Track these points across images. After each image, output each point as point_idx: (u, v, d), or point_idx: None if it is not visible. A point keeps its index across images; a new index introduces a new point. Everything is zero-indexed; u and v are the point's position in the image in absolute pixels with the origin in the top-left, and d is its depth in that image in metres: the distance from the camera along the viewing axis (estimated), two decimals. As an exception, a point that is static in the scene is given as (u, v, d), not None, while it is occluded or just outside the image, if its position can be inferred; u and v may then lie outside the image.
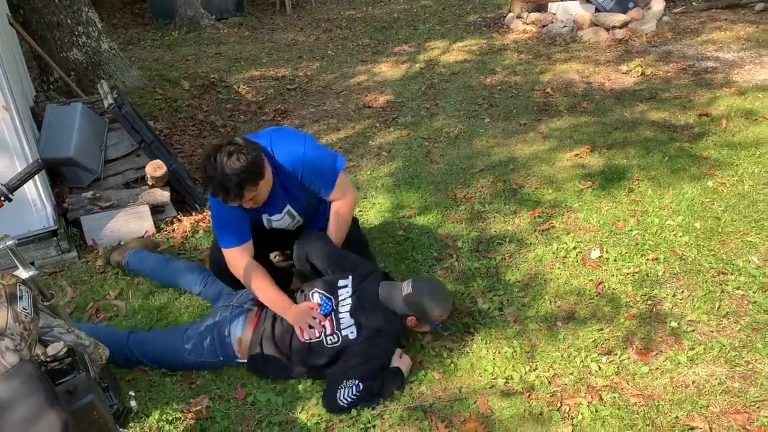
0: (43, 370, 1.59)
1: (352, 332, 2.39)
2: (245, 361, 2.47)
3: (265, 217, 2.64)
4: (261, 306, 2.54)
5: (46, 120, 3.71)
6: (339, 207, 2.72)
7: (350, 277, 2.54)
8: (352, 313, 2.42)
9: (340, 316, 2.43)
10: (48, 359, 1.71)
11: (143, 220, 3.55)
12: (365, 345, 2.36)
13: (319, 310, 2.45)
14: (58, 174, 3.67)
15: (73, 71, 5.40)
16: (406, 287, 2.43)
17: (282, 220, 2.66)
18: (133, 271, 3.17)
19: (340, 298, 2.48)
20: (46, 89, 5.35)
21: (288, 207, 2.64)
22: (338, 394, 2.27)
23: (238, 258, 2.53)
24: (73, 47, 5.39)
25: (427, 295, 2.41)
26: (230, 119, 5.46)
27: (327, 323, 2.42)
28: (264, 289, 2.51)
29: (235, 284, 2.66)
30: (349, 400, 2.26)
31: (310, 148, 2.55)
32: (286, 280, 2.89)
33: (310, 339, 2.40)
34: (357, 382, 2.28)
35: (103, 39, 5.60)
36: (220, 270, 2.67)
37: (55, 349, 1.72)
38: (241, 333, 2.46)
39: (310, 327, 2.41)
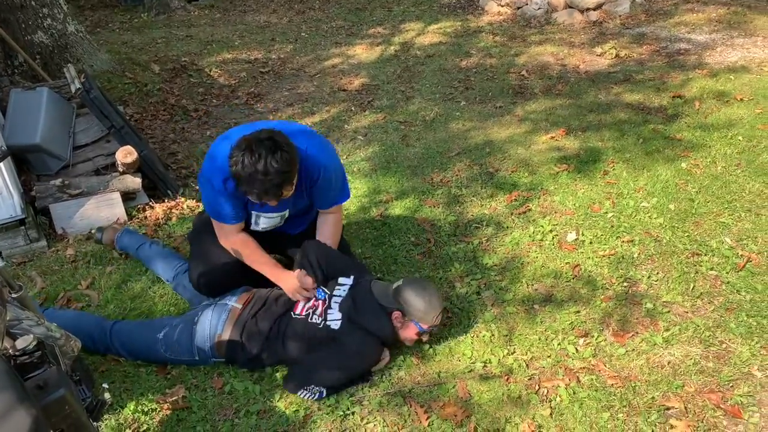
0: (11, 365, 1.54)
1: (335, 324, 2.36)
2: (222, 360, 2.44)
3: (255, 213, 2.55)
4: (243, 304, 2.50)
5: (11, 105, 3.60)
6: (337, 218, 2.70)
7: (352, 276, 2.52)
8: (341, 305, 2.40)
9: (330, 307, 2.41)
10: (17, 353, 1.66)
11: (114, 207, 3.47)
12: (346, 339, 2.33)
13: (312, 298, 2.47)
14: (25, 161, 3.57)
15: (38, 55, 5.24)
16: (397, 282, 2.41)
17: (272, 219, 2.60)
18: (120, 249, 3.14)
19: (335, 292, 2.46)
20: (11, 73, 5.18)
21: (288, 209, 2.59)
22: (300, 392, 2.28)
23: (233, 232, 2.51)
24: (38, 30, 5.22)
25: (413, 289, 2.34)
26: (202, 103, 5.37)
27: (319, 304, 2.42)
28: (258, 258, 2.50)
29: (215, 295, 2.61)
30: (309, 398, 2.27)
31: (333, 157, 2.55)
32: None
33: (302, 309, 2.41)
34: (322, 390, 2.27)
35: (69, 21, 5.44)
36: (201, 284, 2.63)
37: (25, 342, 1.67)
38: (221, 330, 2.42)
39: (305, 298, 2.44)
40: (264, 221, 2.59)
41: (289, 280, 2.49)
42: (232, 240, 2.54)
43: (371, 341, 2.34)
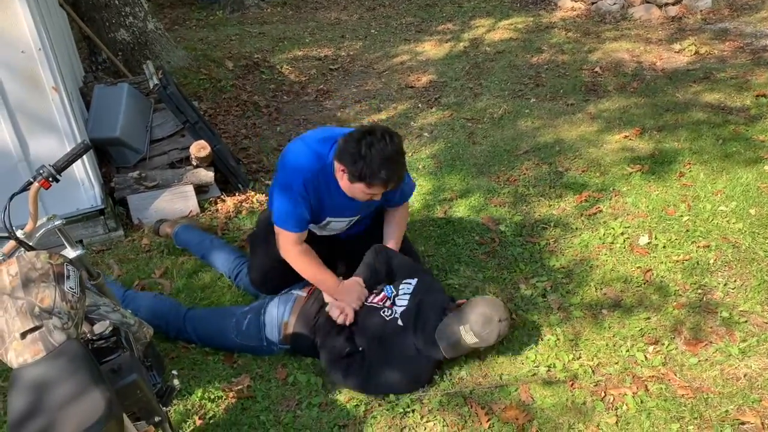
0: (88, 349, 1.62)
1: (400, 323, 2.36)
2: (288, 347, 2.49)
3: (328, 218, 2.56)
4: (308, 293, 2.54)
5: (94, 100, 3.77)
6: (402, 215, 2.71)
7: (416, 279, 2.51)
8: (403, 314, 2.38)
9: (395, 304, 2.42)
10: (94, 338, 1.74)
11: (188, 199, 3.59)
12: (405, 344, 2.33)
13: (383, 292, 2.48)
14: (106, 153, 3.74)
15: (120, 52, 5.48)
16: (466, 335, 2.25)
17: (341, 223, 2.62)
18: (179, 245, 3.22)
19: (400, 292, 2.46)
20: (95, 69, 5.44)
21: (360, 213, 2.61)
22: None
23: (295, 242, 2.49)
24: (120, 28, 5.46)
25: (489, 332, 2.25)
26: (273, 99, 5.47)
27: (387, 301, 2.45)
28: (315, 269, 2.50)
29: (273, 293, 2.65)
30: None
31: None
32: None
33: (377, 299, 2.44)
34: None
35: (149, 19, 5.66)
36: (259, 283, 2.71)
37: (101, 327, 1.75)
38: (287, 317, 2.47)
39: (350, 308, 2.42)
40: (333, 225, 2.61)
41: (351, 292, 2.46)
42: (296, 250, 2.49)
43: (426, 360, 2.33)
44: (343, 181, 2.33)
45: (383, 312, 2.41)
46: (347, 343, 2.36)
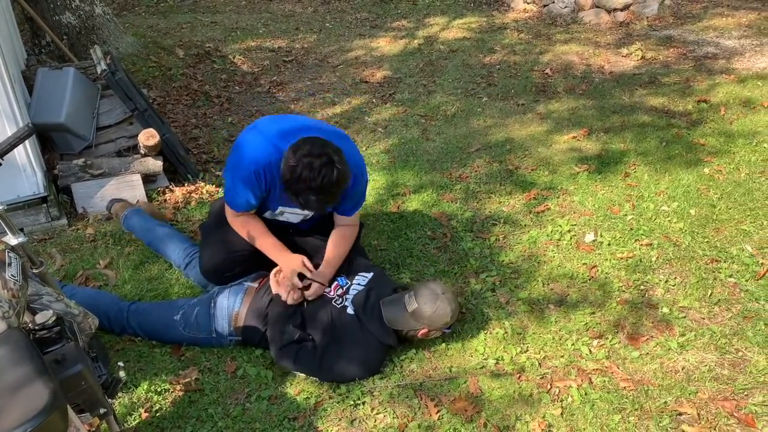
0: (31, 339, 1.57)
1: (350, 310, 2.39)
2: (239, 338, 2.46)
3: (280, 208, 2.55)
4: (259, 283, 2.52)
5: (38, 84, 3.64)
6: (349, 232, 2.64)
7: (372, 273, 2.53)
8: (354, 298, 2.41)
9: (347, 293, 2.44)
10: (36, 327, 1.69)
11: (135, 189, 3.51)
12: (356, 332, 2.35)
13: (336, 281, 2.50)
14: (49, 140, 3.61)
15: (65, 35, 5.29)
16: (410, 302, 2.34)
17: (296, 216, 2.61)
18: (126, 228, 3.15)
19: (354, 282, 2.48)
20: (38, 53, 5.24)
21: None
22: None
23: (245, 218, 2.51)
24: (66, 10, 5.27)
25: (424, 300, 2.32)
26: (225, 90, 5.39)
27: (340, 291, 2.46)
28: (265, 239, 2.50)
29: (223, 283, 2.62)
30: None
31: (363, 168, 2.54)
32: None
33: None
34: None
35: (96, 3, 5.48)
36: (211, 273, 2.65)
37: (44, 317, 1.69)
38: (238, 307, 2.45)
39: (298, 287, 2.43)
40: (287, 216, 2.60)
41: (291, 261, 2.48)
42: (241, 219, 2.52)
43: (376, 346, 2.36)
44: None
45: (334, 302, 2.42)
46: (297, 330, 2.35)
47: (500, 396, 2.26)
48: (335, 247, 2.59)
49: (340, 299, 2.43)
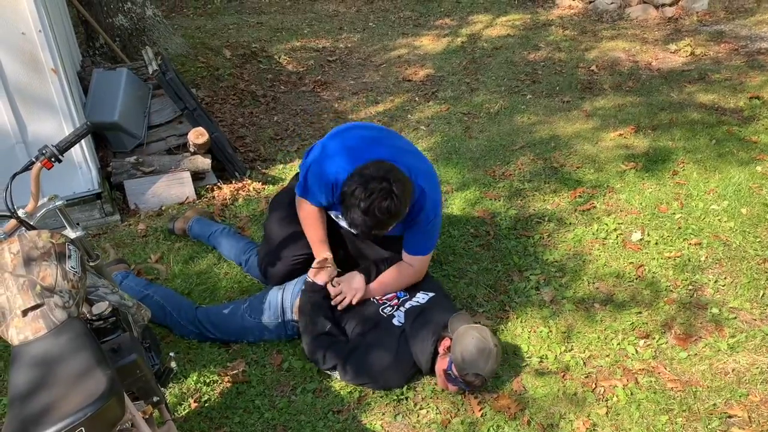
0: (89, 328, 1.63)
1: (398, 322, 2.37)
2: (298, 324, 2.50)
3: (338, 213, 2.56)
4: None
5: (93, 84, 3.77)
6: (407, 271, 2.53)
7: (433, 294, 2.50)
8: (408, 312, 2.39)
9: (402, 306, 2.44)
10: (93, 318, 1.76)
11: (184, 186, 3.60)
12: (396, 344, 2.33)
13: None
14: (103, 138, 3.73)
15: (117, 37, 5.46)
16: (459, 319, 2.27)
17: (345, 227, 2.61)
18: (193, 237, 3.23)
19: (413, 299, 2.47)
20: (92, 54, 5.42)
21: None
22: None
23: (311, 208, 2.53)
24: (119, 13, 5.44)
25: (472, 340, 2.17)
26: (270, 89, 5.47)
27: (395, 302, 2.47)
28: (315, 231, 2.53)
29: (279, 283, 2.65)
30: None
31: (438, 208, 2.46)
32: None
33: (380, 298, 2.46)
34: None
35: (147, 5, 5.64)
36: (266, 272, 2.70)
37: (100, 308, 1.76)
38: (297, 298, 2.50)
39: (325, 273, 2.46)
40: (342, 223, 2.60)
41: (322, 254, 2.50)
42: (308, 210, 2.53)
43: (408, 361, 2.30)
44: None
45: (382, 309, 2.42)
46: (329, 322, 2.38)
47: (544, 394, 2.25)
48: (390, 276, 2.53)
49: (391, 308, 2.43)
